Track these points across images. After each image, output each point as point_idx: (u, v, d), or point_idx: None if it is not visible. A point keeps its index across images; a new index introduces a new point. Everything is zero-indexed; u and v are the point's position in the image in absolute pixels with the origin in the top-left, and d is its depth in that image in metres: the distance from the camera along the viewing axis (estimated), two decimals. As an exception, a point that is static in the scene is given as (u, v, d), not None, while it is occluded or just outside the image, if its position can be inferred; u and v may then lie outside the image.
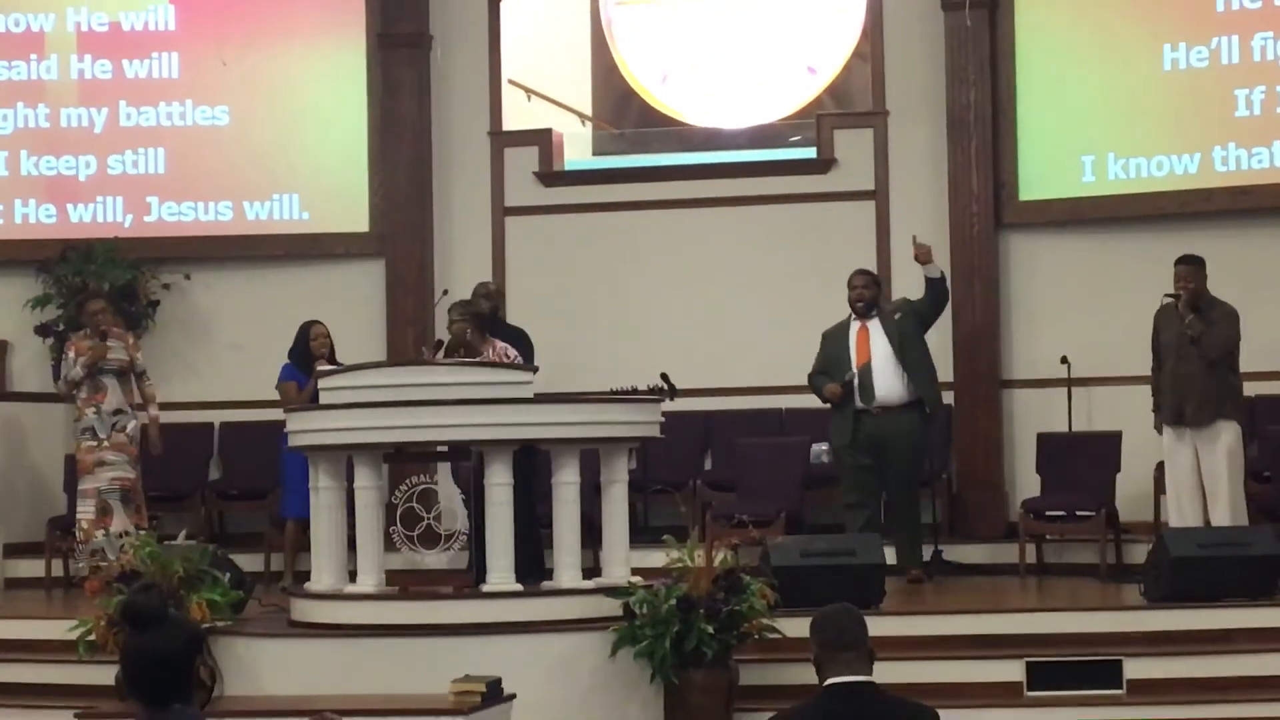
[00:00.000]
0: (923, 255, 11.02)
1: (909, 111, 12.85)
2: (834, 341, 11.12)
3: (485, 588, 9.18)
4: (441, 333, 11.64)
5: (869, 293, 11.09)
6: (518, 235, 13.27)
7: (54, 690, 9.55)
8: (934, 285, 11.12)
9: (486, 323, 10.98)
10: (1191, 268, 10.52)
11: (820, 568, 9.46)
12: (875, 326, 11.00)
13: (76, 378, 11.61)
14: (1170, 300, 10.52)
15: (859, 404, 10.89)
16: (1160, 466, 10.99)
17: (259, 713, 7.79)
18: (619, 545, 9.49)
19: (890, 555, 10.25)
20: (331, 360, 11.51)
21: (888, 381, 10.90)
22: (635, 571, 9.43)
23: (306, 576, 9.80)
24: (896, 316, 11.04)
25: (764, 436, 12.24)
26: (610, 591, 9.06)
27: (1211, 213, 12.05)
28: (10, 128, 13.55)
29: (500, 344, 10.73)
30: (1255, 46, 12.08)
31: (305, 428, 9.54)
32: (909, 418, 10.91)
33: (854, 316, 11.10)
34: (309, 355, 11.65)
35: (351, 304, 13.17)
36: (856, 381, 10.88)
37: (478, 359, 10.48)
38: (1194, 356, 10.43)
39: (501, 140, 13.40)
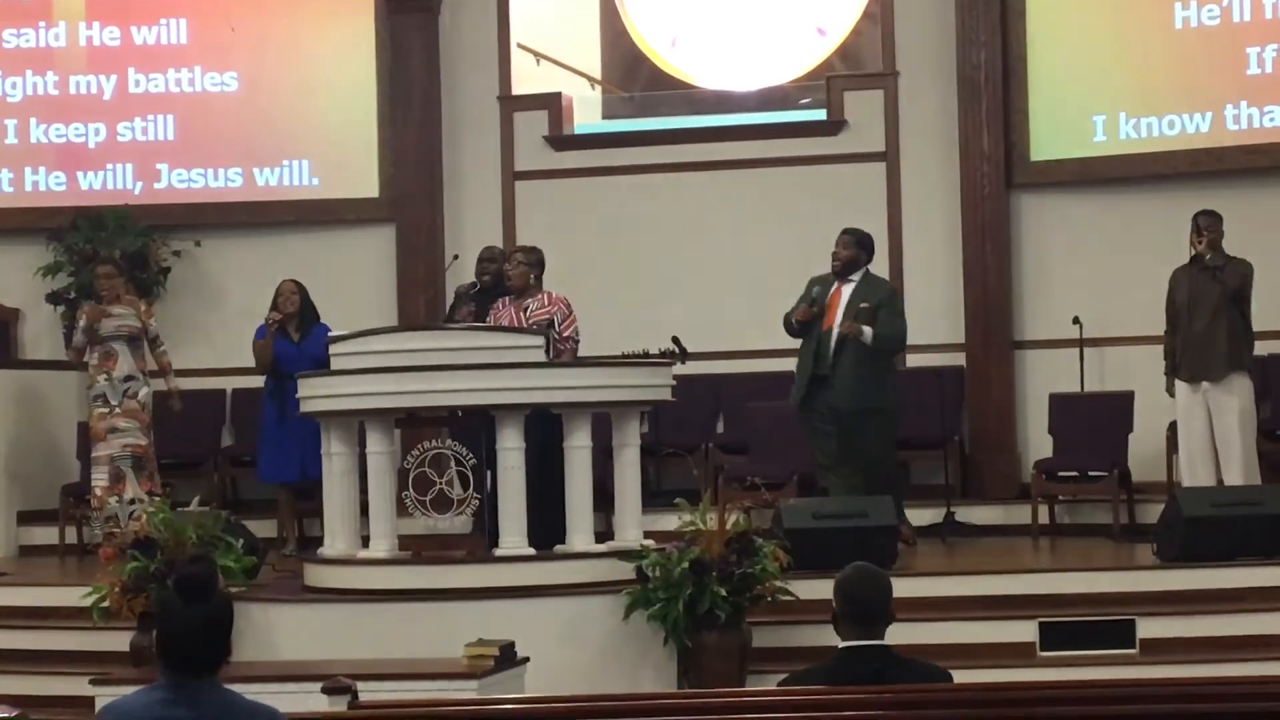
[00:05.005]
0: (848, 331, 10.39)
1: (919, 72, 12.81)
2: (820, 289, 10.63)
3: (498, 552, 9.20)
4: (447, 299, 11.57)
5: (847, 253, 10.61)
6: (528, 199, 13.26)
7: (68, 657, 9.59)
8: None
9: (542, 269, 10.50)
10: (1213, 219, 10.64)
11: (832, 530, 9.46)
12: (847, 292, 10.55)
13: (79, 344, 11.63)
14: (1194, 245, 10.56)
15: (815, 370, 10.47)
16: (1173, 426, 11.00)
17: (273, 677, 7.80)
18: (631, 509, 9.51)
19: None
20: (301, 316, 11.59)
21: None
22: (648, 535, 9.45)
23: (307, 542, 9.79)
24: (862, 305, 10.47)
25: (775, 399, 12.21)
26: (623, 555, 9.08)
27: (1223, 172, 12.01)
28: (20, 95, 13.53)
29: (556, 294, 10.34)
30: (1267, 4, 12.00)
31: (318, 393, 9.54)
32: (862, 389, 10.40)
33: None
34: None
35: (362, 269, 13.18)
36: (817, 346, 10.48)
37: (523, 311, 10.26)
38: (1207, 313, 10.46)
39: (511, 104, 13.37)
